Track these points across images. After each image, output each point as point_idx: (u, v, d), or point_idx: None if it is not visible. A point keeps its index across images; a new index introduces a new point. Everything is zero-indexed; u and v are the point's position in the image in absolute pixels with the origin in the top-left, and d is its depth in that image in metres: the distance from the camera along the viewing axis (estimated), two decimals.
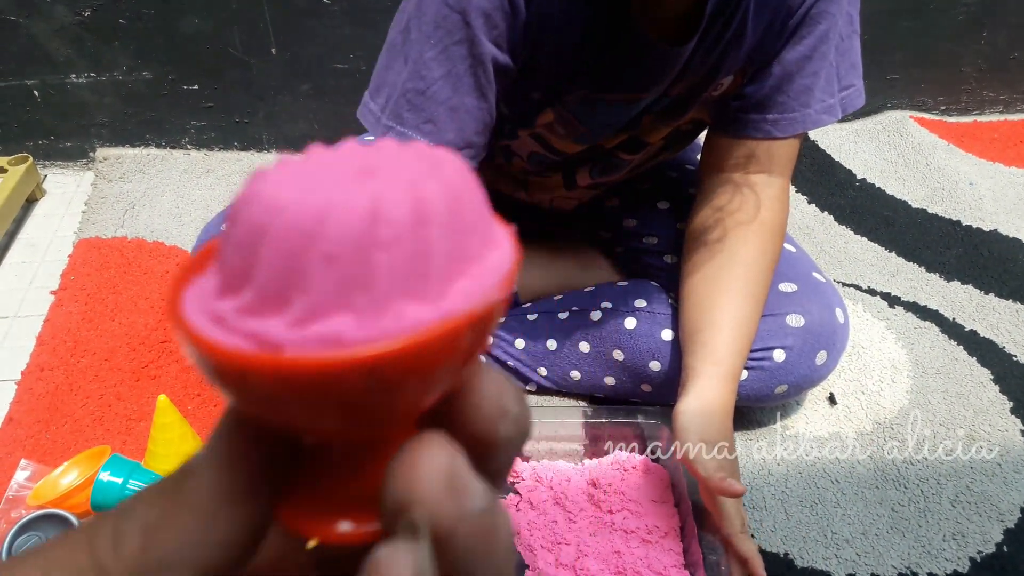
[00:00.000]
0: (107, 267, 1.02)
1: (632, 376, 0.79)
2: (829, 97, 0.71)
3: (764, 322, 0.75)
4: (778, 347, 0.75)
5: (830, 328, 0.76)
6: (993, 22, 1.28)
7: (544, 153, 0.77)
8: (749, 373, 0.75)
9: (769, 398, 0.77)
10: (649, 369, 0.78)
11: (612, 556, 0.67)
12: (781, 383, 0.76)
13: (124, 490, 0.71)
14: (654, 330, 0.78)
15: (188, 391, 0.85)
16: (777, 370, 0.75)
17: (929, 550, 0.70)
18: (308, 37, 1.17)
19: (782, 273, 0.78)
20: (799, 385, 0.77)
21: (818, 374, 0.77)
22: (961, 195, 1.15)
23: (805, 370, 0.76)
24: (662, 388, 0.78)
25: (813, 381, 0.78)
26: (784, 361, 0.75)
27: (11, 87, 1.18)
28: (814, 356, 0.76)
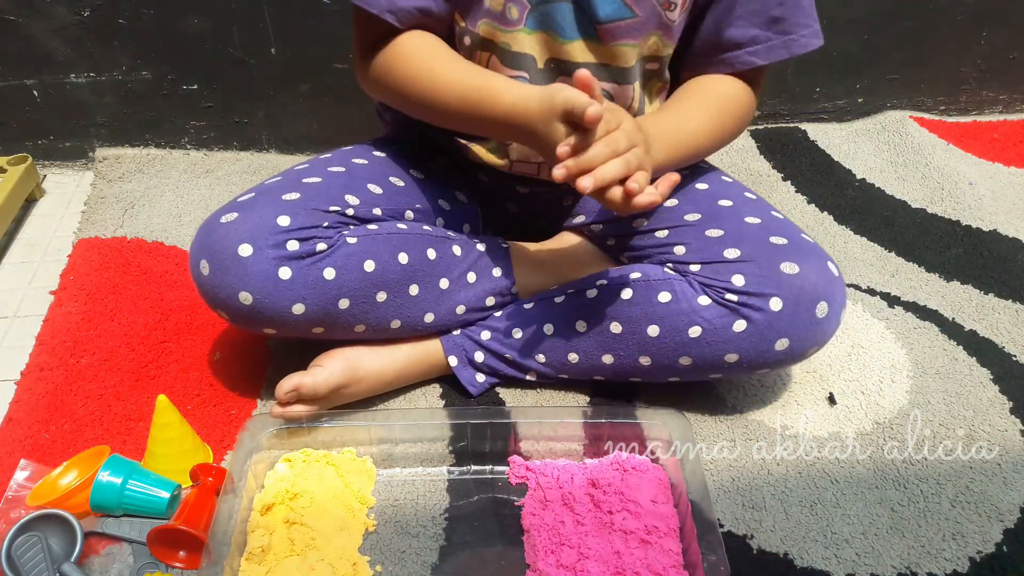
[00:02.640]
0: (106, 267, 1.02)
1: (630, 349, 0.78)
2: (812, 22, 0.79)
3: (757, 267, 0.74)
4: (774, 295, 0.73)
5: (826, 278, 0.74)
6: (993, 22, 1.28)
7: (517, 73, 0.77)
8: (746, 326, 0.74)
9: (771, 356, 0.75)
10: (647, 334, 0.77)
11: (611, 556, 0.68)
12: (782, 336, 0.74)
13: (123, 490, 0.71)
14: (650, 295, 0.77)
15: (188, 391, 0.85)
16: (775, 320, 0.73)
17: (929, 550, 0.70)
18: (308, 37, 1.17)
19: (771, 228, 0.77)
20: (802, 340, 0.74)
21: (821, 329, 0.75)
22: (961, 195, 1.15)
23: (806, 322, 0.73)
24: (661, 357, 0.77)
25: (816, 337, 0.75)
26: (782, 310, 0.73)
27: (11, 87, 1.18)
28: (814, 307, 0.73)
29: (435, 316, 0.82)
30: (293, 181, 0.78)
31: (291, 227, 0.73)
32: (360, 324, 0.78)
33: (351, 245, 0.76)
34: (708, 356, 0.76)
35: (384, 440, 0.78)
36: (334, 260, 0.74)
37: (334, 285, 0.74)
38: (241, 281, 0.72)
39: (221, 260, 0.72)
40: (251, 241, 0.71)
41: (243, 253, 0.71)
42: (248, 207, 0.74)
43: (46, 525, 0.68)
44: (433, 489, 0.76)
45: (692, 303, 0.75)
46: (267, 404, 0.84)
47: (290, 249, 0.72)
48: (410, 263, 0.79)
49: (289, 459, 0.76)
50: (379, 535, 0.71)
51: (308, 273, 0.73)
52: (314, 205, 0.75)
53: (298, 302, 0.73)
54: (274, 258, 0.72)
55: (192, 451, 0.76)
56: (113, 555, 0.69)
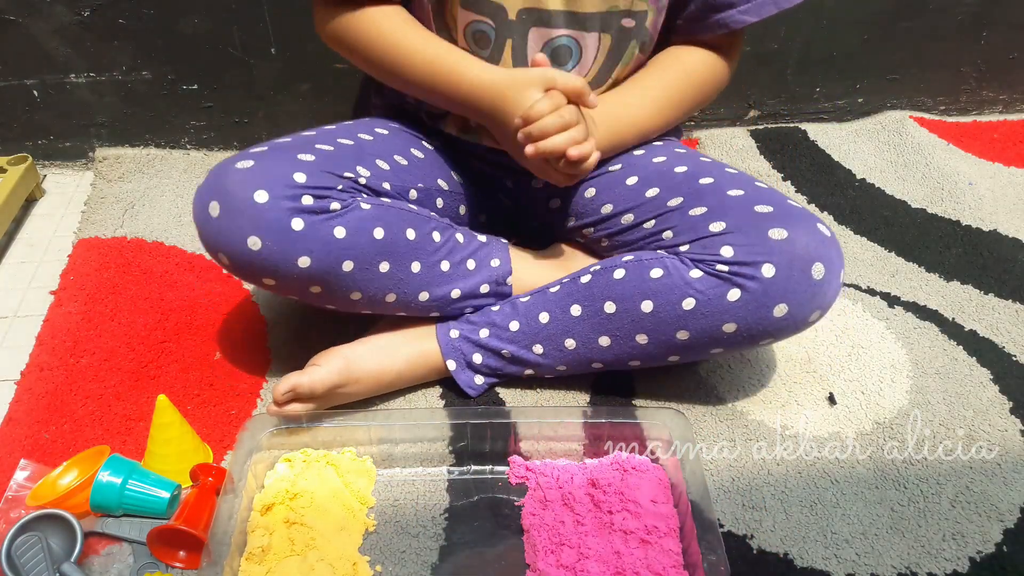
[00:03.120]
0: (107, 267, 1.02)
1: (625, 328, 0.77)
2: None
3: (744, 236, 0.73)
4: (765, 261, 0.72)
5: (818, 240, 0.73)
6: (993, 22, 1.28)
7: (480, 18, 0.78)
8: (741, 294, 0.73)
9: (771, 323, 0.73)
10: (641, 311, 0.76)
11: (611, 556, 0.68)
12: (779, 302, 0.72)
13: (123, 490, 0.71)
14: (642, 272, 0.76)
15: (188, 391, 0.85)
16: (770, 287, 0.72)
17: (929, 550, 0.70)
18: (308, 37, 1.17)
19: (754, 197, 0.76)
20: (801, 304, 0.73)
21: (820, 291, 0.73)
22: (961, 195, 1.15)
23: (803, 285, 0.72)
24: (657, 333, 0.76)
25: (816, 300, 0.73)
26: (775, 276, 0.72)
27: (10, 87, 1.18)
28: (809, 269, 0.72)
29: (430, 296, 0.82)
30: (306, 144, 0.78)
31: (307, 184, 0.73)
32: (357, 291, 0.78)
33: (364, 210, 0.76)
34: (705, 328, 0.75)
35: (384, 440, 0.78)
36: (346, 221, 0.74)
37: (343, 245, 0.74)
38: (253, 226, 0.71)
39: (234, 203, 0.71)
40: (268, 188, 0.71)
41: (259, 199, 0.71)
42: (264, 158, 0.74)
43: (46, 525, 0.68)
44: (433, 489, 0.76)
45: (684, 276, 0.74)
46: (267, 404, 0.84)
47: (304, 203, 0.72)
48: (417, 240, 0.79)
49: (289, 459, 0.76)
50: (379, 535, 0.71)
51: (319, 228, 0.73)
52: (329, 168, 0.75)
53: (304, 255, 0.73)
54: (288, 208, 0.71)
55: (192, 451, 0.76)
56: (113, 555, 0.70)
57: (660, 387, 0.86)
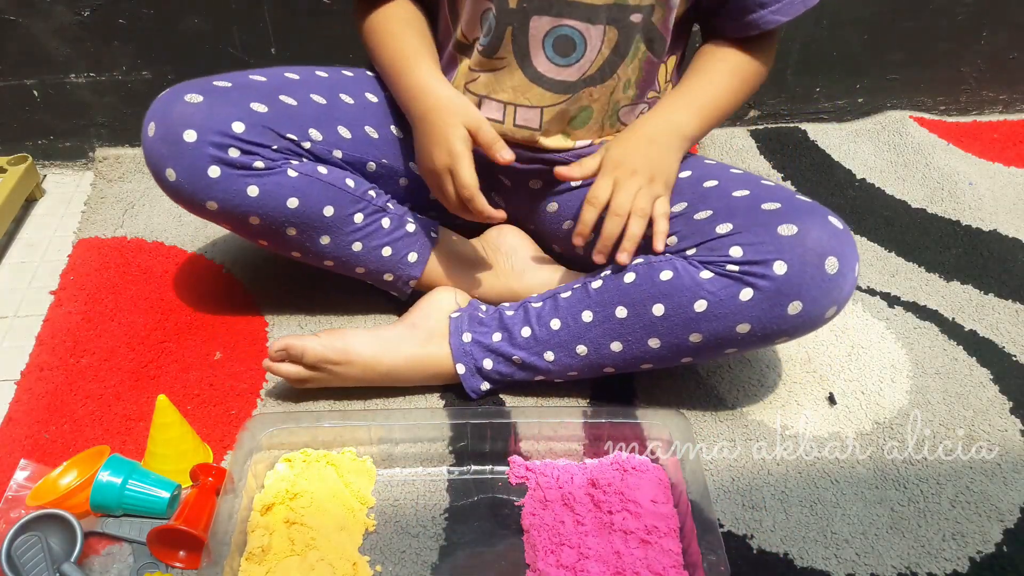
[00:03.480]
0: (107, 267, 1.02)
1: (637, 333, 0.77)
2: None
3: (753, 235, 0.72)
4: (776, 259, 0.70)
5: (830, 232, 0.71)
6: (993, 22, 1.28)
7: (487, 4, 0.79)
8: (753, 294, 0.71)
9: (786, 321, 0.72)
10: (652, 314, 0.75)
11: (611, 556, 0.68)
12: (793, 300, 0.70)
13: (123, 490, 0.71)
14: (652, 275, 0.76)
15: (188, 391, 0.85)
16: (783, 284, 0.70)
17: (929, 550, 0.70)
18: (308, 37, 1.17)
19: (761, 196, 0.76)
20: (816, 300, 0.71)
21: (836, 286, 0.71)
22: (961, 195, 1.15)
23: (817, 281, 0.70)
24: (669, 336, 0.75)
25: (832, 295, 0.71)
26: (788, 272, 0.70)
27: (10, 87, 1.18)
28: (822, 264, 0.70)
29: (334, 264, 0.87)
30: (271, 91, 0.82)
31: (240, 135, 0.77)
32: (264, 240, 0.84)
33: (289, 177, 0.80)
34: (718, 330, 0.73)
35: (384, 440, 0.78)
36: (263, 182, 0.79)
37: (251, 202, 0.79)
38: (174, 159, 0.77)
39: (166, 132, 0.76)
40: (198, 130, 0.76)
41: (187, 138, 0.76)
42: (216, 97, 0.78)
43: (46, 525, 0.68)
44: (433, 489, 0.76)
45: (695, 277, 0.74)
46: (267, 404, 0.84)
47: (230, 155, 0.77)
48: (332, 217, 0.82)
49: (289, 459, 0.76)
50: (379, 535, 0.71)
51: (234, 181, 0.78)
52: (273, 125, 0.79)
53: (212, 200, 0.78)
54: (210, 155, 0.76)
55: (192, 451, 0.76)
56: (113, 555, 0.70)
57: (660, 387, 0.86)
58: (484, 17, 0.80)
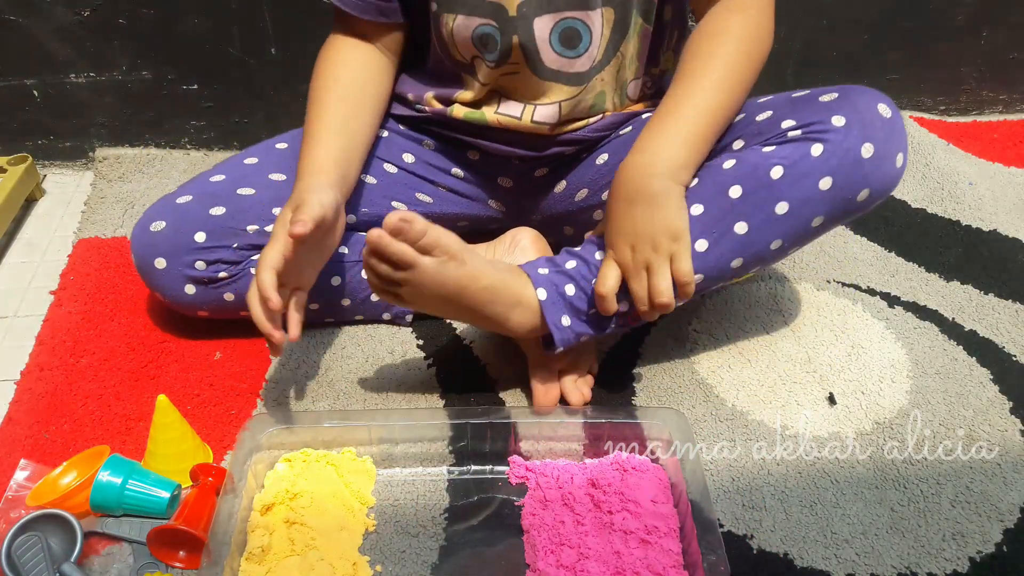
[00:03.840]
0: (107, 267, 1.02)
1: (720, 224, 0.73)
2: None
3: (797, 112, 0.73)
4: (831, 116, 0.71)
5: (867, 90, 0.73)
6: (993, 22, 1.28)
7: (484, 21, 0.79)
8: (823, 147, 0.70)
9: (862, 167, 0.70)
10: (730, 197, 0.72)
11: (611, 556, 0.68)
12: (863, 142, 0.70)
13: (123, 490, 0.71)
14: (715, 170, 0.74)
15: (188, 391, 0.85)
16: (848, 131, 0.70)
17: (929, 550, 0.70)
18: (308, 37, 1.17)
19: (787, 95, 0.77)
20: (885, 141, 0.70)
21: (894, 128, 0.71)
22: (961, 195, 1.15)
23: (877, 123, 0.71)
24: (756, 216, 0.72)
25: (894, 138, 0.71)
26: (848, 122, 0.70)
27: (11, 87, 1.19)
28: (876, 109, 0.71)
29: (334, 320, 0.93)
30: (230, 189, 0.85)
31: (204, 244, 0.83)
32: None
33: (252, 276, 0.76)
34: (804, 192, 0.71)
35: (384, 440, 0.78)
36: (234, 288, 0.86)
37: (233, 305, 0.86)
38: (156, 284, 0.86)
39: (143, 264, 0.85)
40: (166, 256, 0.83)
41: (158, 266, 0.84)
42: (176, 216, 0.83)
43: (46, 525, 0.68)
44: (433, 489, 0.76)
45: (760, 154, 0.72)
46: (267, 404, 0.84)
47: (198, 269, 0.84)
48: (313, 290, 0.82)
49: (289, 459, 0.76)
50: (379, 535, 0.71)
51: (210, 293, 0.85)
52: (234, 223, 0.84)
53: (201, 310, 0.88)
54: (182, 276, 0.84)
55: (192, 451, 0.76)
56: (113, 555, 0.70)
57: (660, 387, 0.86)
58: (477, 34, 0.80)
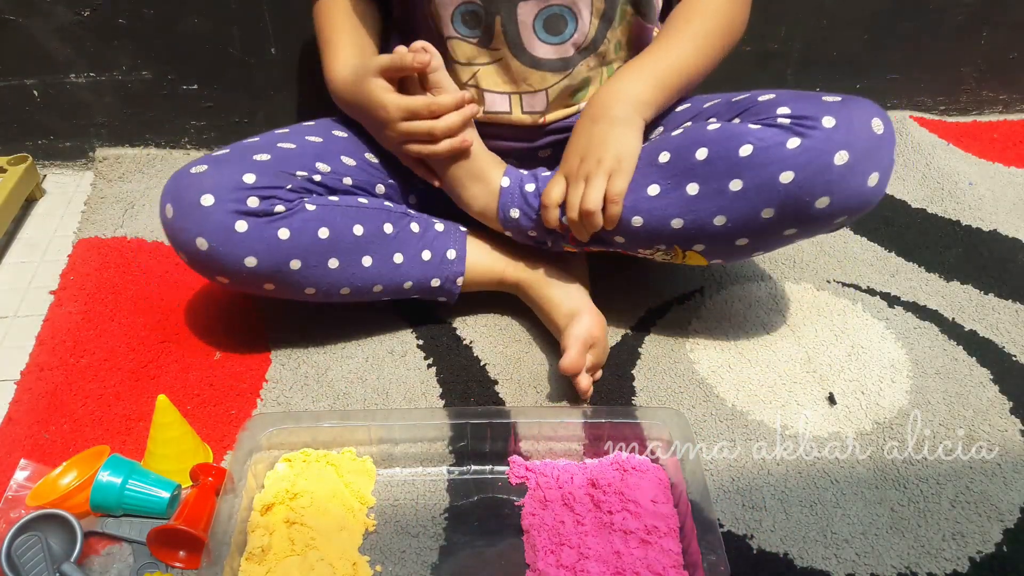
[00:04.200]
0: (107, 267, 1.02)
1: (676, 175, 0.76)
2: None
3: (797, 103, 0.73)
4: (824, 115, 0.71)
5: (871, 105, 0.73)
6: (993, 22, 1.28)
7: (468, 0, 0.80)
8: (801, 141, 0.70)
9: (831, 173, 0.70)
10: (695, 159, 0.74)
11: (611, 556, 0.68)
12: (840, 148, 0.70)
13: (123, 490, 0.71)
14: (701, 125, 0.76)
15: (188, 391, 0.85)
16: (832, 134, 0.70)
17: (929, 550, 0.70)
18: (308, 37, 1.17)
19: (792, 92, 0.77)
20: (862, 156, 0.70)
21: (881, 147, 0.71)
22: (961, 195, 1.15)
23: (864, 136, 0.70)
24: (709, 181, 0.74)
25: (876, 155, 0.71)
26: (836, 125, 0.70)
27: (10, 87, 1.19)
28: (869, 122, 0.71)
29: (383, 288, 0.86)
30: (269, 144, 0.82)
31: (255, 184, 0.77)
32: (310, 287, 0.82)
33: (309, 211, 0.80)
34: (761, 177, 0.72)
35: (384, 440, 0.78)
36: (290, 222, 0.78)
37: (287, 245, 0.78)
38: (199, 227, 0.76)
39: (184, 206, 0.77)
40: (213, 192, 0.76)
41: (204, 203, 0.76)
42: (219, 161, 0.79)
43: (46, 525, 0.68)
44: (433, 489, 0.76)
45: (743, 127, 0.73)
46: (267, 404, 0.84)
47: (250, 205, 0.76)
48: (365, 235, 0.82)
49: (289, 459, 0.76)
50: (379, 535, 0.71)
51: (263, 230, 0.77)
52: (282, 168, 0.80)
53: (250, 255, 0.77)
54: (233, 211, 0.76)
55: (192, 451, 0.76)
56: (113, 555, 0.70)
57: (660, 387, 0.86)
58: (459, 12, 0.81)
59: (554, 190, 0.80)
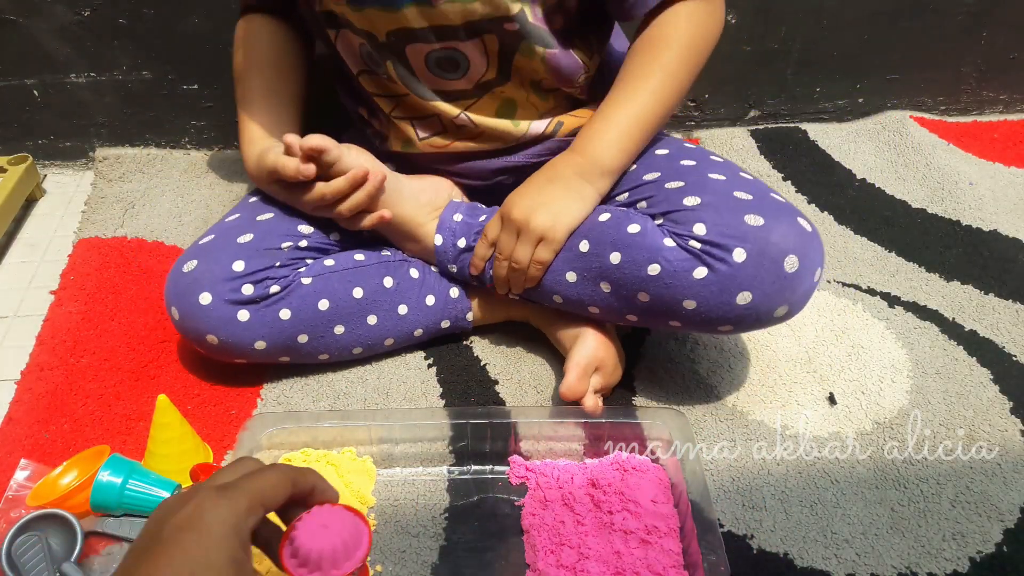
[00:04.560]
0: (107, 267, 1.02)
1: (592, 271, 0.76)
2: None
3: (718, 216, 0.71)
4: (737, 246, 0.69)
5: (796, 231, 0.70)
6: (993, 22, 1.28)
7: (362, 41, 0.79)
8: (707, 273, 0.70)
9: (733, 310, 0.70)
10: (609, 261, 0.75)
11: (612, 556, 0.68)
12: (744, 289, 0.69)
13: (124, 490, 0.71)
14: (622, 222, 0.75)
15: (188, 391, 0.85)
16: (738, 271, 0.69)
17: (929, 550, 0.70)
18: None
19: (735, 184, 0.75)
20: (768, 296, 0.70)
21: (790, 285, 0.70)
22: (961, 195, 1.15)
23: (772, 276, 0.69)
24: (619, 287, 0.75)
25: (784, 294, 0.70)
26: (745, 262, 0.69)
27: (11, 86, 1.18)
28: (781, 261, 0.69)
29: (395, 340, 0.87)
30: (248, 219, 0.83)
31: (245, 272, 0.78)
32: (322, 353, 0.84)
33: (305, 286, 0.80)
34: (666, 298, 0.73)
35: (384, 440, 0.78)
36: (289, 302, 0.80)
37: (291, 324, 0.80)
38: (205, 325, 0.79)
39: (186, 307, 0.79)
40: (210, 290, 0.78)
41: (203, 301, 0.78)
42: (207, 252, 0.80)
43: (46, 525, 0.68)
44: (433, 489, 0.76)
45: (657, 241, 0.73)
46: (267, 404, 0.84)
47: (245, 293, 0.78)
48: (365, 296, 0.83)
49: (289, 459, 0.76)
50: (379, 535, 0.71)
51: (264, 315, 0.79)
52: (267, 244, 0.80)
53: (258, 340, 0.80)
54: (231, 302, 0.78)
55: (192, 451, 0.76)
56: (113, 555, 0.69)
57: (660, 387, 0.86)
58: (367, 52, 0.81)
59: (490, 230, 0.80)
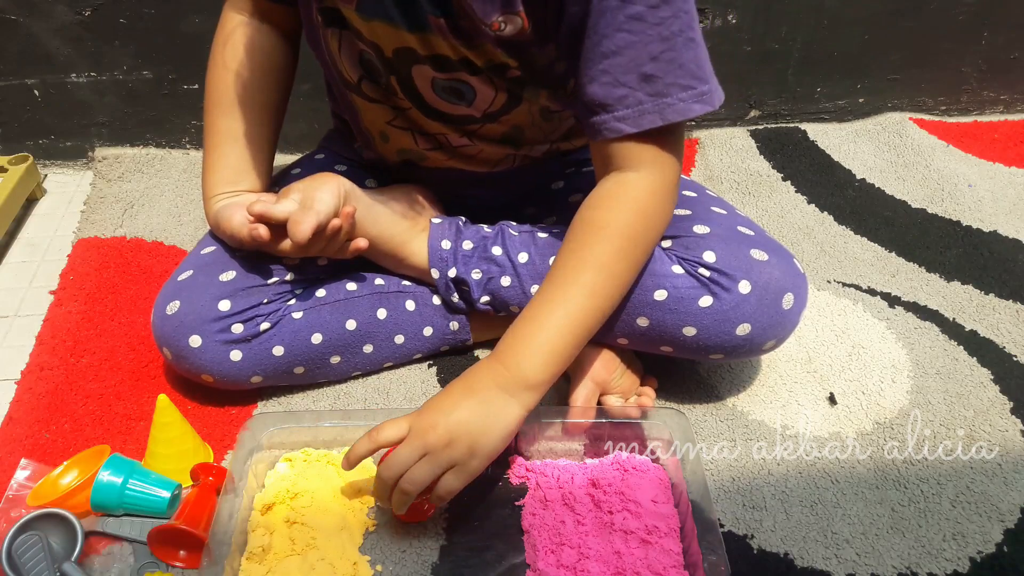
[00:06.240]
0: (106, 267, 1.02)
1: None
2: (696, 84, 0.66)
3: (726, 247, 0.73)
4: (744, 278, 0.72)
5: (793, 272, 0.75)
6: (993, 22, 1.28)
7: (365, 48, 0.74)
8: (712, 302, 0.72)
9: (730, 339, 0.74)
10: None
11: (612, 556, 0.68)
12: (745, 320, 0.73)
13: (124, 490, 0.71)
14: None
15: (188, 391, 0.85)
16: (742, 303, 0.72)
17: (929, 550, 0.70)
18: None
19: (737, 220, 0.77)
20: (764, 328, 0.73)
21: (783, 321, 0.74)
22: (961, 196, 1.15)
23: (771, 311, 0.73)
24: (619, 309, 0.74)
25: (777, 329, 0.75)
26: (750, 294, 0.72)
27: (11, 86, 1.19)
28: (781, 297, 0.73)
29: (394, 363, 0.87)
30: (225, 253, 0.81)
31: (232, 311, 0.77)
32: (321, 379, 0.84)
33: (296, 320, 0.79)
34: (667, 323, 0.74)
35: None
36: (281, 338, 0.79)
37: (285, 359, 0.80)
38: (199, 366, 0.78)
39: (177, 350, 0.78)
40: (197, 331, 0.76)
41: (193, 344, 0.77)
42: (188, 291, 0.78)
43: (46, 524, 0.68)
44: None
45: (665, 267, 0.74)
46: (267, 404, 0.84)
47: (236, 332, 0.77)
48: (359, 328, 0.82)
49: (289, 459, 0.76)
50: (379, 535, 0.71)
51: (257, 352, 0.78)
52: (251, 282, 0.79)
53: (254, 375, 0.80)
54: (222, 343, 0.77)
55: (192, 451, 0.76)
56: (113, 554, 0.70)
57: (660, 387, 0.86)
58: (369, 60, 0.76)
59: (363, 446, 0.67)
